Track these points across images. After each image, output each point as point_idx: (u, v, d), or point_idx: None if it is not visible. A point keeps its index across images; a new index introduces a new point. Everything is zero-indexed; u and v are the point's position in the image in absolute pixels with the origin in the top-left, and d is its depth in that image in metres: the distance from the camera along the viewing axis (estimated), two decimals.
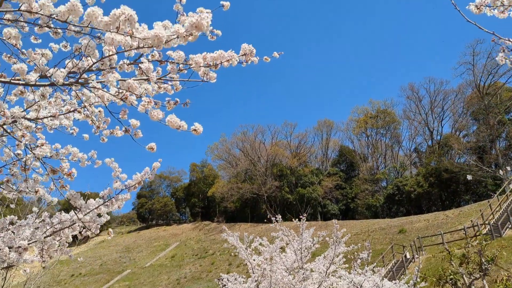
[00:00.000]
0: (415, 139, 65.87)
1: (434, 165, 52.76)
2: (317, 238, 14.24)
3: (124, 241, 70.55)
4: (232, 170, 75.45)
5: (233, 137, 77.74)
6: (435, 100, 60.60)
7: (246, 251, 14.63)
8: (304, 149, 76.39)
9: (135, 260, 56.01)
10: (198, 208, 78.79)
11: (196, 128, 2.39)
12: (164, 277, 43.72)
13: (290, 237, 14.50)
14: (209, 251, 50.69)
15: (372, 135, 70.09)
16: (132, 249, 62.55)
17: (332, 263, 14.68)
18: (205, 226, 69.17)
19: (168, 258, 52.77)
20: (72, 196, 2.85)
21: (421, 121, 62.26)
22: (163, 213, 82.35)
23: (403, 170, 61.85)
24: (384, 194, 56.02)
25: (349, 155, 69.48)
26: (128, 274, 48.43)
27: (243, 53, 3.04)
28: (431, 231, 35.42)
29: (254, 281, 13.82)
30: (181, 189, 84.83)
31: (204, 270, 42.29)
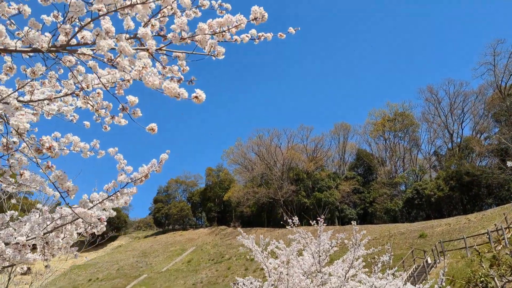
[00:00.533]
0: (434, 142, 64.58)
1: (454, 168, 51.46)
2: (335, 240, 13.75)
3: (140, 245, 70.75)
4: (248, 174, 75.08)
5: (249, 141, 77.55)
6: (454, 102, 59.33)
7: (262, 254, 14.23)
8: (321, 152, 75.58)
9: (152, 264, 55.98)
10: (214, 212, 78.62)
11: (198, 95, 2.04)
12: (180, 282, 43.48)
13: (308, 239, 14.05)
14: (225, 255, 50.32)
15: (390, 138, 68.98)
16: (149, 254, 62.60)
17: (351, 267, 14.16)
18: (221, 231, 68.86)
19: (185, 263, 52.57)
20: (59, 178, 2.52)
21: (441, 124, 60.99)
22: (180, 218, 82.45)
23: (423, 174, 60.50)
24: (403, 198, 54.84)
25: (366, 158, 68.42)
26: (145, 279, 48.36)
27: (254, 17, 2.68)
28: (452, 235, 34.38)
29: (270, 285, 13.39)
30: (197, 194, 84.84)
31: (221, 275, 41.91)
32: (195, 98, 2.02)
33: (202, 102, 2.04)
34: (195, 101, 2.04)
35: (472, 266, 23.52)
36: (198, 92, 2.03)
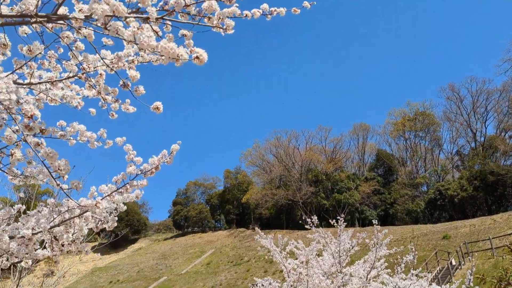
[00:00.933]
0: (456, 141, 63.09)
1: (478, 168, 50.11)
2: (356, 240, 13.36)
3: (160, 248, 71.13)
4: (266, 176, 74.76)
5: (267, 142, 77.24)
6: (477, 100, 57.85)
7: (280, 254, 13.94)
8: (340, 153, 74.72)
9: (171, 267, 56.16)
10: (233, 215, 78.52)
11: (199, 54, 1.80)
12: (199, 284, 43.44)
13: (327, 239, 13.71)
14: (244, 258, 50.08)
15: (411, 138, 67.74)
16: (168, 256, 62.86)
17: (373, 267, 13.74)
18: (240, 233, 68.67)
19: (204, 265, 52.55)
20: (48, 155, 2.32)
21: (463, 123, 59.50)
22: (198, 220, 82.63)
23: (445, 174, 59.12)
24: (425, 199, 53.68)
25: (386, 159, 67.31)
26: (165, 281, 48.51)
27: None
28: (477, 236, 33.38)
29: (289, 286, 13.08)
30: (216, 196, 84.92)
31: (240, 277, 41.68)
32: (196, 58, 1.79)
33: (204, 63, 1.80)
34: (196, 62, 1.80)
35: (499, 266, 22.69)
36: (198, 51, 1.79)
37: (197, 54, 1.77)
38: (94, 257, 75.14)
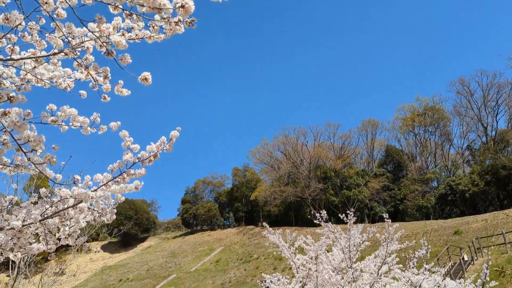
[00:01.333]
0: (467, 136, 62.17)
1: (489, 162, 49.31)
2: (366, 234, 13.04)
3: (169, 246, 71.23)
4: (275, 173, 74.43)
5: (275, 140, 76.88)
6: (488, 93, 56.90)
7: (289, 250, 13.67)
8: (348, 150, 74.12)
9: (181, 265, 56.16)
10: (242, 212, 78.35)
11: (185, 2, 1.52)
12: (209, 281, 43.33)
13: (337, 234, 13.40)
14: (254, 255, 49.87)
15: (420, 133, 66.94)
16: (178, 254, 62.89)
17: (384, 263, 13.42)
18: (249, 231, 68.49)
19: (213, 263, 52.45)
20: (15, 124, 2.05)
21: (474, 117, 58.61)
22: (207, 218, 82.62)
23: (456, 169, 58.32)
24: (436, 195, 53.01)
25: (396, 155, 66.60)
26: (174, 279, 48.49)
27: None
28: (490, 231, 32.81)
29: (298, 282, 12.81)
30: (224, 194, 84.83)
31: (249, 274, 41.48)
32: (181, 8, 1.51)
33: (190, 13, 1.53)
34: (181, 13, 1.53)
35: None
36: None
37: (182, 2, 1.49)
38: (104, 255, 75.47)
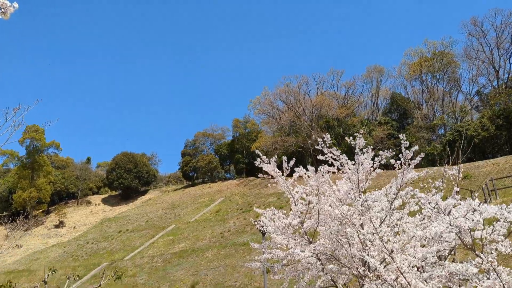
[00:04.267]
0: (477, 81, 59.20)
1: (500, 106, 46.80)
2: (378, 158, 10.94)
3: (170, 198, 70.44)
4: (276, 124, 72.28)
5: (276, 89, 74.02)
6: (502, 34, 53.33)
7: (286, 181, 11.64)
8: (352, 99, 71.50)
9: (180, 216, 55.27)
10: (243, 164, 76.92)
11: None
12: (208, 231, 42.28)
13: (343, 160, 11.27)
14: (254, 205, 48.64)
15: (428, 80, 63.91)
16: (177, 206, 62.02)
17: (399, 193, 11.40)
18: (249, 182, 67.30)
19: (213, 213, 51.43)
20: None
21: (485, 60, 55.36)
22: (208, 171, 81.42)
23: (464, 115, 55.91)
24: (443, 142, 50.92)
25: (402, 102, 64.01)
26: (173, 229, 47.58)
27: None
28: (502, 175, 30.91)
29: (297, 216, 10.86)
30: (225, 146, 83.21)
31: (248, 223, 40.25)
32: None
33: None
34: None
35: None
36: None
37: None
38: (105, 208, 75.06)
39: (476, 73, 58.13)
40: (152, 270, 33.71)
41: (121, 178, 78.48)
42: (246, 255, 28.73)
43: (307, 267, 10.53)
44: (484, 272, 7.01)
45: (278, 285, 19.84)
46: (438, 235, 7.95)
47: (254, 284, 22.60)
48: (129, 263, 37.60)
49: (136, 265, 36.40)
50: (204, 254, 33.35)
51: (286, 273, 10.94)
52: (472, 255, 7.48)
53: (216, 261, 30.37)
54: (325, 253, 10.18)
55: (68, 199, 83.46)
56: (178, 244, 40.26)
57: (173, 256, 35.48)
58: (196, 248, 36.45)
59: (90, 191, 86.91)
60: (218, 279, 26.36)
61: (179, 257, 34.65)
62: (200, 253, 34.00)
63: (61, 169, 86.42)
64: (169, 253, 37.17)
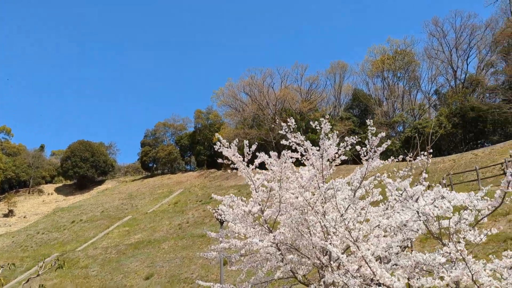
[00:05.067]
0: (436, 80, 60.81)
1: (457, 105, 48.25)
2: (343, 144, 10.50)
3: (127, 189, 68.36)
4: (239, 116, 71.57)
5: (240, 81, 73.25)
6: (460, 36, 54.94)
7: (247, 167, 10.99)
8: (315, 93, 71.85)
9: (137, 207, 53.66)
10: (204, 156, 75.77)
11: None
12: (165, 222, 41.12)
13: (307, 146, 10.75)
14: (214, 197, 47.86)
15: (389, 77, 65.06)
16: (135, 197, 60.25)
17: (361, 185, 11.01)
18: (210, 174, 66.41)
19: (171, 205, 50.21)
20: None
21: (444, 60, 56.91)
22: (168, 162, 79.68)
23: (423, 113, 57.36)
24: (402, 138, 51.99)
25: (363, 99, 64.88)
26: (129, 220, 46.03)
27: None
28: (457, 171, 31.72)
29: (257, 204, 10.24)
30: (186, 137, 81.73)
31: (208, 215, 39.46)
32: None
33: None
34: None
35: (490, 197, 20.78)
36: None
37: None
38: (58, 198, 71.97)
39: (435, 72, 59.80)
40: (105, 262, 32.33)
41: (76, 167, 75.43)
42: (204, 246, 27.97)
43: (266, 258, 9.97)
44: (450, 262, 6.66)
45: (235, 276, 19.27)
46: (404, 223, 7.56)
47: (211, 276, 21.92)
48: (81, 254, 35.98)
49: (89, 256, 34.85)
50: (160, 245, 32.31)
51: (244, 264, 10.34)
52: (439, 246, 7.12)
53: (173, 253, 29.44)
54: (285, 243, 9.63)
55: (19, 188, 79.48)
56: (134, 235, 38.92)
57: (128, 247, 34.20)
58: (153, 239, 35.31)
59: (43, 180, 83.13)
60: (174, 271, 25.49)
61: (135, 248, 33.44)
62: (156, 244, 32.92)
63: (12, 156, 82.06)
64: (124, 244, 35.83)
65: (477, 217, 6.88)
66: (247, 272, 10.46)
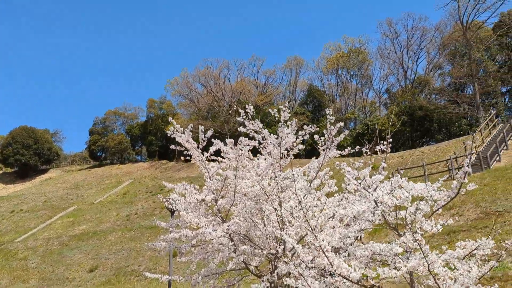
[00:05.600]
0: (387, 79, 62.79)
1: (406, 103, 50.04)
2: (301, 133, 10.33)
3: (73, 178, 65.34)
4: (193, 107, 70.35)
5: (196, 71, 71.97)
6: (412, 37, 56.93)
7: (201, 154, 10.56)
8: (271, 87, 72.08)
9: (83, 197, 51.39)
10: (155, 146, 73.88)
11: None
12: (113, 213, 39.60)
13: (265, 134, 10.50)
14: (165, 188, 46.67)
15: (343, 75, 66.35)
16: (81, 187, 57.68)
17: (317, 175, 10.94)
18: (162, 165, 64.88)
19: (120, 195, 48.49)
20: None
21: (396, 60, 58.81)
22: (118, 151, 76.93)
23: (373, 110, 59.09)
24: (353, 134, 53.24)
25: (318, 95, 65.76)
26: (74, 211, 43.94)
27: None
28: (406, 167, 32.83)
29: (210, 192, 9.83)
30: (138, 127, 79.35)
31: (158, 206, 38.44)
32: None
33: None
34: None
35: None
36: None
37: None
38: None
39: (387, 72, 61.71)
40: (46, 253, 30.59)
41: (18, 154, 71.10)
42: (153, 238, 27.12)
43: (218, 249, 9.60)
44: (405, 252, 6.59)
45: (184, 268, 18.74)
46: (360, 213, 7.41)
47: (159, 268, 21.24)
48: (21, 246, 33.88)
49: (28, 247, 32.87)
50: (107, 237, 31.03)
51: (195, 255, 9.93)
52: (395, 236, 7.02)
53: (120, 245, 28.34)
54: (238, 233, 9.30)
55: None
56: (79, 226, 37.17)
57: (72, 239, 32.59)
58: (99, 230, 33.87)
59: None
60: (120, 263, 24.51)
61: (79, 239, 31.91)
62: (102, 236, 31.58)
63: None
64: (68, 236, 34.12)
65: (433, 208, 6.84)
66: (197, 264, 10.03)
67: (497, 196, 17.97)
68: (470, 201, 18.56)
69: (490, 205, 17.54)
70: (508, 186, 18.69)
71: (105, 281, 22.63)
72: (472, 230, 16.16)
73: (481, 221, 16.73)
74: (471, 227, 16.40)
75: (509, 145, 26.07)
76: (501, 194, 18.14)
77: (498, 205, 17.22)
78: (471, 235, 15.09)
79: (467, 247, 6.58)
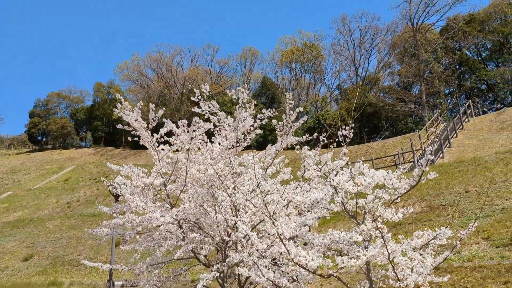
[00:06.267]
0: (339, 75, 64.00)
1: (357, 100, 51.26)
2: (260, 116, 9.91)
3: (9, 162, 61.19)
4: (144, 92, 68.07)
5: (147, 56, 69.52)
6: (364, 35, 58.27)
7: (150, 135, 9.88)
8: (225, 77, 71.26)
9: (20, 182, 48.21)
10: (101, 132, 70.93)
11: None
12: (52, 200, 37.36)
13: (221, 117, 9.97)
14: (110, 175, 44.72)
15: (296, 69, 66.84)
16: (18, 171, 54.12)
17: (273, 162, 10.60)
18: (107, 152, 62.30)
19: (61, 182, 45.92)
20: None
21: (348, 57, 60.02)
22: (60, 136, 73.02)
23: (325, 105, 60.05)
24: (304, 128, 53.81)
25: (271, 87, 65.87)
26: (9, 196, 41.06)
27: None
28: (355, 160, 33.54)
29: (160, 176, 9.16)
30: (83, 111, 75.74)
31: (102, 193, 36.75)
32: None
33: None
34: None
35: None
36: None
37: None
38: None
39: (339, 68, 62.90)
40: None
41: None
42: (95, 226, 25.73)
43: (165, 236, 8.97)
44: (365, 241, 6.35)
45: (128, 258, 17.84)
46: (318, 201, 7.07)
47: (100, 258, 20.13)
48: None
49: None
50: (44, 224, 29.14)
51: (140, 243, 9.22)
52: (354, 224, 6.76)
53: (59, 233, 26.69)
54: (188, 220, 8.70)
55: None
56: (14, 213, 34.72)
57: (6, 226, 30.31)
58: (36, 218, 31.78)
59: None
60: (58, 252, 23.04)
61: (13, 227, 29.73)
62: (40, 223, 29.63)
63: None
64: (1, 222, 31.72)
65: (392, 197, 6.65)
66: (142, 253, 9.34)
67: (441, 191, 18.53)
68: (415, 195, 19.03)
69: (434, 199, 18.04)
70: (451, 182, 19.35)
71: (40, 270, 21.17)
72: (417, 222, 16.53)
73: (425, 214, 17.17)
74: (416, 220, 16.77)
75: (452, 143, 27.22)
76: (444, 189, 18.73)
77: (442, 199, 17.75)
78: (416, 227, 15.40)
79: (424, 237, 6.45)
